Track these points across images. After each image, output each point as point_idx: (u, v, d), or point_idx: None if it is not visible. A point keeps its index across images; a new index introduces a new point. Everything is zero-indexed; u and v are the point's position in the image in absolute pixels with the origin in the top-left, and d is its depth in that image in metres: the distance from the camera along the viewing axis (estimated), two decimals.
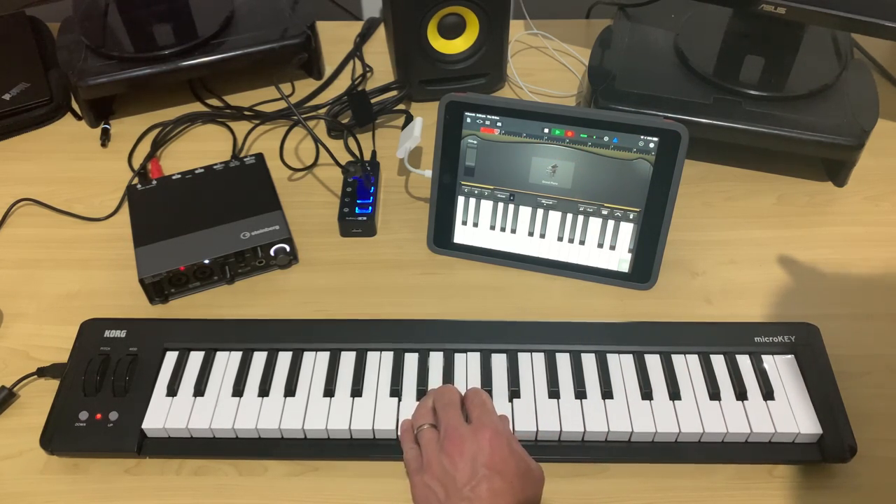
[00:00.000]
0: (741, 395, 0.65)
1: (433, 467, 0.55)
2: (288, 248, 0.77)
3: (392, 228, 0.84)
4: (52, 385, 0.68)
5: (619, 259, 0.76)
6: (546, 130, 0.74)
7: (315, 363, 0.68)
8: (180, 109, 0.98)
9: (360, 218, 0.81)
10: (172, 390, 0.66)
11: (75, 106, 0.98)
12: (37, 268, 0.80)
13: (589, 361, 0.68)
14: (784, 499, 0.62)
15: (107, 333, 0.70)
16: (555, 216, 0.76)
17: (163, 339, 0.70)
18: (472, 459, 0.54)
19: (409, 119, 0.92)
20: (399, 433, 0.62)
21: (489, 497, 0.52)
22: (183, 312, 0.75)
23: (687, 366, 0.68)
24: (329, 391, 0.66)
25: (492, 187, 0.77)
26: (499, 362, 0.68)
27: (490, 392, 0.65)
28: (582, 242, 0.77)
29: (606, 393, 0.65)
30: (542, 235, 0.77)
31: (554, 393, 0.65)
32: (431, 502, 0.54)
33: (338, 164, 0.83)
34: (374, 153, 0.91)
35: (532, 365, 0.68)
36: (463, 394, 0.61)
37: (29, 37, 1.03)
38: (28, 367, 0.69)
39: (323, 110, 0.96)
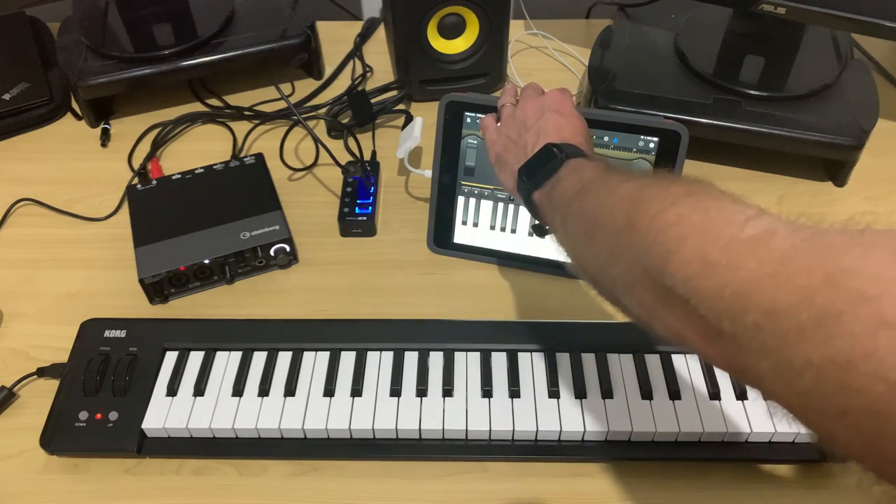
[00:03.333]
0: (741, 394, 0.65)
1: (508, 124, 0.64)
2: (288, 248, 0.77)
3: (392, 228, 0.84)
4: (52, 385, 0.68)
5: None
6: None
7: (315, 363, 0.68)
8: (180, 109, 0.98)
9: (360, 218, 0.81)
10: (172, 390, 0.66)
11: (75, 106, 0.98)
12: (37, 268, 0.80)
13: (589, 361, 0.68)
14: (784, 499, 0.62)
15: (107, 333, 0.70)
16: None
17: (163, 339, 0.70)
18: (540, 105, 0.63)
19: (409, 119, 0.92)
20: (482, 119, 0.70)
21: (554, 129, 0.60)
22: (183, 312, 0.75)
23: (687, 365, 0.68)
24: (329, 391, 0.66)
25: (492, 187, 0.77)
26: (499, 362, 0.68)
27: (490, 392, 0.66)
28: None
29: (606, 392, 0.65)
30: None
31: (554, 393, 0.65)
32: (508, 147, 0.63)
33: (338, 164, 0.82)
34: (374, 153, 0.91)
35: (532, 365, 0.68)
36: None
37: (29, 37, 1.03)
38: (28, 367, 0.69)
39: (323, 110, 0.96)
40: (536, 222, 0.61)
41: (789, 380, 0.33)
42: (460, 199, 0.78)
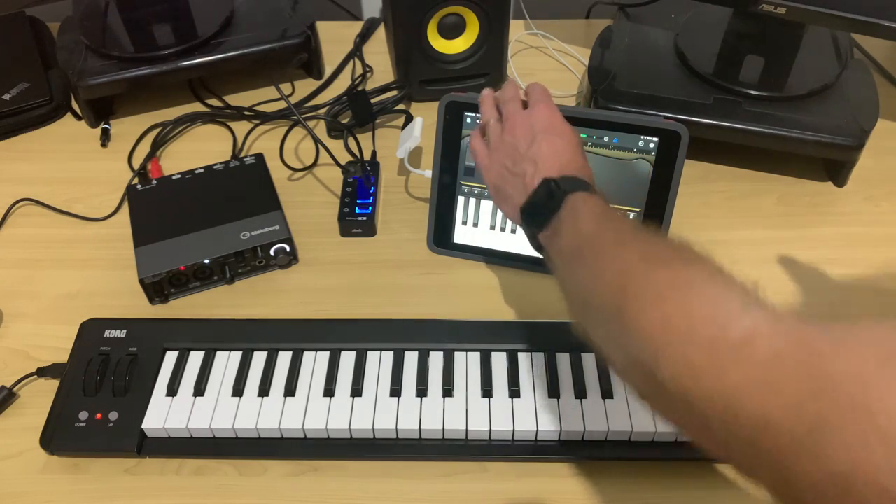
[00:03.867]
0: None
1: (499, 148, 0.62)
2: (288, 248, 0.77)
3: (392, 228, 0.84)
4: (52, 385, 0.68)
5: None
6: None
7: (315, 363, 0.68)
8: (180, 109, 0.98)
9: (360, 218, 0.81)
10: (172, 390, 0.66)
11: (75, 106, 0.98)
12: (37, 268, 0.80)
13: (589, 361, 0.68)
14: None
15: (107, 333, 0.70)
16: None
17: (163, 339, 0.70)
18: (530, 128, 0.60)
19: (409, 119, 0.92)
20: (470, 138, 0.68)
21: (550, 153, 0.58)
22: (183, 312, 0.75)
23: None
24: (329, 391, 0.66)
25: None
26: (499, 362, 0.68)
27: (490, 392, 0.65)
28: None
29: (606, 392, 0.65)
30: None
31: (554, 393, 0.65)
32: (504, 175, 0.61)
33: (338, 164, 0.83)
34: (374, 153, 0.91)
35: (532, 365, 0.68)
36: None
37: (29, 37, 1.03)
38: (28, 367, 0.69)
39: (323, 110, 0.96)
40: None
41: (789, 491, 0.33)
42: (460, 199, 0.78)
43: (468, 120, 0.75)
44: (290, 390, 0.66)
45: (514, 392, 0.66)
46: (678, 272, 0.43)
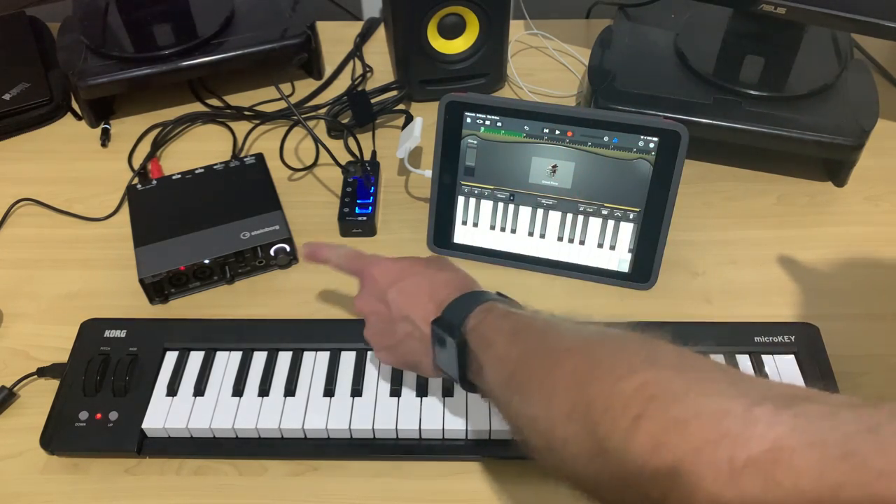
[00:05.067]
0: None
1: (373, 339, 0.61)
2: (288, 248, 0.77)
3: (392, 228, 0.84)
4: (52, 385, 0.68)
5: (619, 259, 0.76)
6: (546, 130, 0.74)
7: (315, 363, 0.68)
8: (180, 109, 0.98)
9: (360, 218, 0.81)
10: (172, 390, 0.66)
11: (75, 106, 0.98)
12: (37, 268, 0.80)
13: None
14: None
15: (107, 333, 0.70)
16: (555, 216, 0.76)
17: (163, 339, 0.70)
18: (376, 300, 0.58)
19: (409, 119, 0.92)
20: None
21: (405, 300, 0.56)
22: (183, 312, 0.75)
23: None
24: (329, 391, 0.66)
25: (492, 187, 0.77)
26: None
27: None
28: (582, 242, 0.77)
29: None
30: (542, 235, 0.77)
31: None
32: (397, 351, 0.58)
33: (338, 164, 0.83)
34: (374, 153, 0.91)
35: None
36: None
37: (29, 37, 1.03)
38: (28, 367, 0.69)
39: (323, 110, 0.96)
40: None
41: None
42: (460, 199, 0.78)
43: (468, 120, 0.75)
44: (290, 390, 0.66)
45: None
46: (643, 376, 0.36)
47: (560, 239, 0.77)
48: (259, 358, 0.69)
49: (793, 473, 0.30)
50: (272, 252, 0.77)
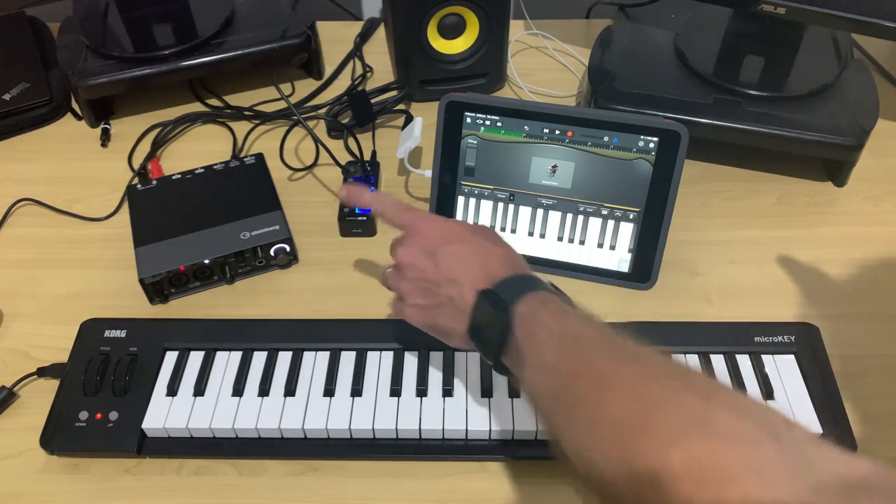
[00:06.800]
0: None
1: (409, 295, 0.58)
2: (288, 248, 0.77)
3: (392, 229, 0.83)
4: (52, 385, 0.68)
5: (619, 259, 0.76)
6: (546, 130, 0.74)
7: (315, 363, 0.68)
8: (180, 109, 0.98)
9: (360, 218, 0.81)
10: (172, 390, 0.66)
11: (75, 106, 0.98)
12: (37, 268, 0.80)
13: None
14: None
15: (107, 333, 0.70)
16: (555, 216, 0.76)
17: (163, 339, 0.70)
18: (425, 255, 0.56)
19: (409, 119, 0.92)
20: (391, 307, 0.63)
21: (455, 264, 0.54)
22: (183, 312, 0.75)
23: (686, 362, 0.67)
24: (329, 391, 0.66)
25: (492, 187, 0.77)
26: None
27: (490, 391, 0.65)
28: (582, 242, 0.77)
29: None
30: (542, 235, 0.77)
31: None
32: (430, 313, 0.57)
33: (338, 164, 0.83)
34: (374, 153, 0.91)
35: None
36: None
37: (29, 37, 1.03)
38: (28, 367, 0.69)
39: (323, 110, 0.96)
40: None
41: None
42: (460, 199, 0.78)
43: (468, 120, 0.75)
44: (290, 390, 0.66)
45: (514, 391, 0.66)
46: (696, 448, 0.36)
47: (560, 239, 0.77)
48: (259, 358, 0.69)
49: None
50: (272, 252, 0.77)
